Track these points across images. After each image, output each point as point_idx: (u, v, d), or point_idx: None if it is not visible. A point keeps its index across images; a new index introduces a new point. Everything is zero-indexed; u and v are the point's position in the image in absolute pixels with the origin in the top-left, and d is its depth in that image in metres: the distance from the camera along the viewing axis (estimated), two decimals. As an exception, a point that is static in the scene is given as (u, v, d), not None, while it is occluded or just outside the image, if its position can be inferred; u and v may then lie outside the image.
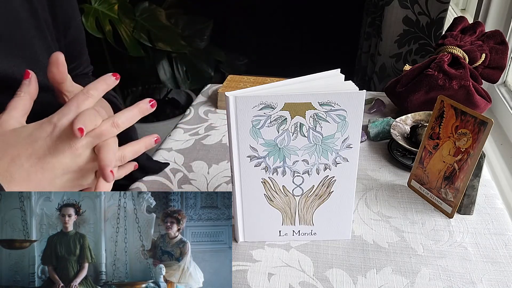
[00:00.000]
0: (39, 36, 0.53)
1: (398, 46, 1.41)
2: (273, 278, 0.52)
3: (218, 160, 0.76)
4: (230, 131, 0.50)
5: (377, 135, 0.81)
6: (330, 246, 0.57)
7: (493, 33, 0.85)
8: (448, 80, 0.82)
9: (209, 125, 0.88)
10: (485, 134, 0.55)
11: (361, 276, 0.52)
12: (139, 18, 1.75)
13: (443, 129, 0.61)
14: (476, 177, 0.59)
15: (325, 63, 1.12)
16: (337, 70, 0.52)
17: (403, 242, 0.57)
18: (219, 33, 2.19)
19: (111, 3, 1.68)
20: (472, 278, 0.52)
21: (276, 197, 0.54)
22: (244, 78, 1.01)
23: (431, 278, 0.52)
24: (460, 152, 0.59)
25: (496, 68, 0.85)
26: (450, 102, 0.60)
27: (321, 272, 0.53)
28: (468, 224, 0.60)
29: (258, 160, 0.52)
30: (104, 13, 1.65)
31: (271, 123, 0.49)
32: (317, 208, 0.55)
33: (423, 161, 0.64)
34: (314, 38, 2.49)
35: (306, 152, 0.51)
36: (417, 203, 0.64)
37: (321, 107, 0.48)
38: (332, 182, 0.53)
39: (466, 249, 0.56)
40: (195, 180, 0.71)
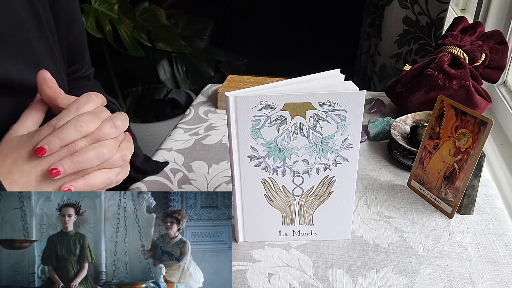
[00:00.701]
0: (40, 38, 0.53)
1: (398, 46, 1.41)
2: (273, 278, 0.52)
3: (218, 160, 0.76)
4: (230, 131, 0.50)
5: (377, 135, 0.81)
6: (330, 246, 0.57)
7: (493, 33, 0.85)
8: (448, 80, 0.82)
9: (209, 125, 0.88)
10: (485, 134, 0.55)
11: (361, 276, 0.52)
12: (139, 18, 1.75)
13: (443, 129, 0.61)
14: (476, 177, 0.59)
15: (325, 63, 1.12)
16: (337, 70, 0.52)
17: (403, 242, 0.57)
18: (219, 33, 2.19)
19: (111, 3, 1.67)
20: (472, 278, 0.52)
21: (276, 197, 0.54)
22: (244, 78, 1.01)
23: (431, 278, 0.52)
24: (460, 152, 0.59)
25: (496, 68, 0.85)
26: (450, 102, 0.60)
27: (321, 272, 0.53)
28: (468, 224, 0.60)
29: (258, 160, 0.52)
30: (104, 13, 1.65)
31: (271, 123, 0.49)
32: (317, 208, 0.55)
33: (423, 161, 0.64)
34: (314, 38, 2.49)
35: (306, 152, 0.51)
36: (417, 203, 0.64)
37: (321, 107, 0.48)
38: (332, 182, 0.53)
39: (466, 249, 0.56)
40: (195, 180, 0.71)
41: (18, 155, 0.43)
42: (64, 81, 0.59)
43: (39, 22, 0.53)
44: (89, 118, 0.45)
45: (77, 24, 0.62)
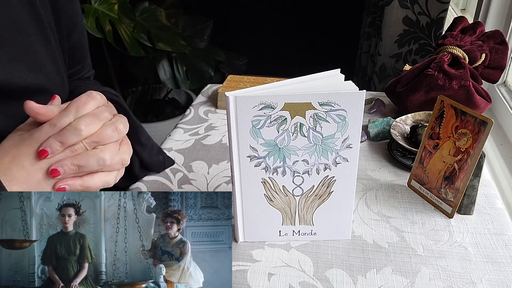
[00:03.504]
0: (42, 41, 0.53)
1: (398, 46, 1.41)
2: (273, 278, 0.52)
3: (218, 160, 0.76)
4: (230, 131, 0.50)
5: (377, 135, 0.81)
6: (330, 246, 0.57)
7: (493, 33, 0.85)
8: (448, 80, 0.82)
9: (209, 125, 0.88)
10: (485, 134, 0.55)
11: (361, 276, 0.52)
12: (139, 18, 1.75)
13: (443, 129, 0.61)
14: (476, 177, 0.59)
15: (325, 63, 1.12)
16: (337, 70, 0.52)
17: (403, 242, 0.57)
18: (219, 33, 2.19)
19: (111, 3, 1.67)
20: (472, 278, 0.52)
21: (276, 197, 0.54)
22: (244, 78, 1.01)
23: (431, 278, 0.52)
24: (460, 152, 0.59)
25: (496, 68, 0.85)
26: (450, 102, 0.60)
27: (321, 272, 0.53)
28: (468, 224, 0.60)
29: (258, 160, 0.52)
30: (104, 13, 1.65)
31: (271, 123, 0.49)
32: (317, 208, 0.55)
33: (423, 161, 0.64)
34: (314, 38, 2.49)
35: (306, 152, 0.51)
36: (417, 203, 0.64)
37: (321, 107, 0.48)
38: (332, 182, 0.53)
39: (466, 249, 0.56)
40: (195, 180, 0.71)
41: (18, 152, 0.43)
42: (65, 84, 0.59)
43: (41, 26, 0.53)
44: (89, 120, 0.45)
45: (79, 27, 0.62)
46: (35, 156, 0.43)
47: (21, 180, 0.43)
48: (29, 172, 0.43)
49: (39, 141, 0.44)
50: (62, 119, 0.45)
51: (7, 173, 0.43)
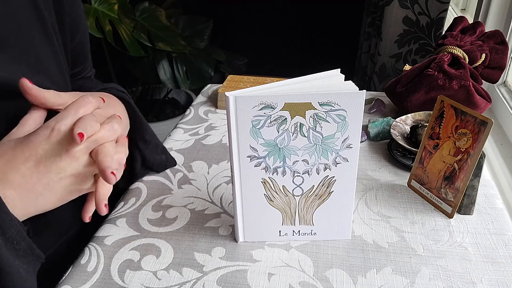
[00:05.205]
0: (45, 42, 0.53)
1: (398, 46, 1.41)
2: (273, 278, 0.52)
3: (218, 160, 0.76)
4: (230, 131, 0.50)
5: (377, 135, 0.81)
6: (330, 246, 0.57)
7: (493, 33, 0.85)
8: (448, 80, 0.82)
9: (209, 125, 0.88)
10: (485, 134, 0.55)
11: (361, 276, 0.52)
12: (139, 18, 1.75)
13: (443, 129, 0.61)
14: (476, 177, 0.59)
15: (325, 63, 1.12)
16: (337, 70, 0.52)
17: (403, 242, 0.57)
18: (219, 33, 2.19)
19: (111, 3, 1.67)
20: (472, 278, 0.52)
21: (276, 197, 0.54)
22: (244, 78, 1.01)
23: (431, 278, 0.52)
24: (460, 152, 0.59)
25: (496, 68, 0.85)
26: (450, 102, 0.60)
27: (321, 272, 0.53)
28: (468, 224, 0.60)
29: (258, 160, 0.52)
30: (104, 13, 1.65)
31: (271, 123, 0.49)
32: (317, 208, 0.55)
33: (423, 161, 0.64)
34: (314, 38, 2.49)
35: (306, 152, 0.51)
36: (417, 203, 0.64)
37: (321, 107, 0.48)
38: (332, 182, 0.53)
39: (466, 249, 0.56)
40: (195, 180, 0.71)
41: (13, 155, 0.43)
42: (68, 84, 0.59)
43: (44, 27, 0.53)
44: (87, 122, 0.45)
45: (82, 28, 0.62)
46: (31, 159, 0.43)
47: (15, 183, 0.42)
48: (24, 176, 0.42)
49: (35, 144, 0.43)
50: (60, 122, 0.44)
51: (1, 176, 0.42)
